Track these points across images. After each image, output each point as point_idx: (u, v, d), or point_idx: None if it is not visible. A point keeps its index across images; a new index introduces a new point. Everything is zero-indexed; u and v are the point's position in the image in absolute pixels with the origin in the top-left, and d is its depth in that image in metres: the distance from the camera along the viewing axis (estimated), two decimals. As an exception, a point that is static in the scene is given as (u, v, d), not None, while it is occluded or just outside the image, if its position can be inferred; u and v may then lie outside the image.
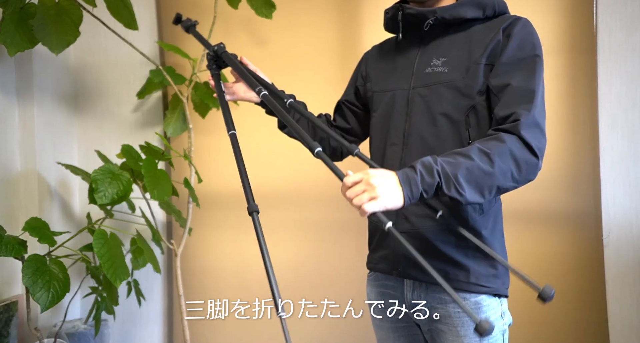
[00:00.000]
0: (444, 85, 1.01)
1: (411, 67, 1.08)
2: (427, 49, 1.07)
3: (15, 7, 1.37)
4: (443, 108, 1.00)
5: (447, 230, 0.99)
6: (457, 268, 1.00)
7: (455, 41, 1.04)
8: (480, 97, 0.99)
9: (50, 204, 1.76)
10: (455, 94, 0.99)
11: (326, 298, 1.85)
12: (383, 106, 1.12)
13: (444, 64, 1.03)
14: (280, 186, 1.89)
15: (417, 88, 1.04)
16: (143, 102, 1.92)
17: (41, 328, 1.67)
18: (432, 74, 1.03)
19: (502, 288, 1.02)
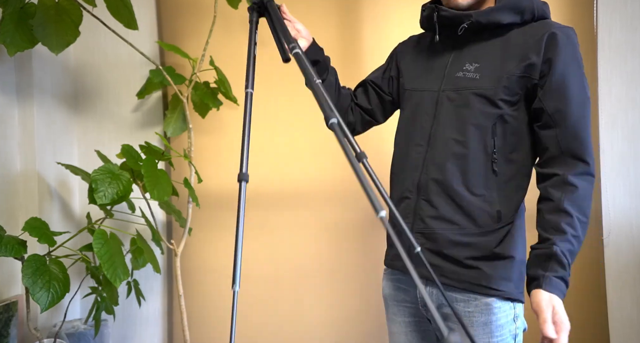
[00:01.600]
0: (473, 92, 1.00)
1: (443, 69, 1.07)
2: (460, 52, 1.05)
3: (15, 7, 1.37)
4: (470, 114, 0.99)
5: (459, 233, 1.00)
6: (469, 270, 1.00)
7: (490, 47, 1.02)
8: (510, 108, 0.99)
9: (50, 204, 1.76)
10: (484, 102, 0.99)
11: (331, 296, 1.86)
12: (412, 105, 1.11)
13: (476, 71, 1.01)
14: (281, 185, 1.89)
15: (447, 91, 1.04)
16: (143, 102, 1.92)
17: (41, 328, 1.67)
18: (463, 79, 1.02)
19: (515, 293, 1.01)
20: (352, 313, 1.86)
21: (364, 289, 1.85)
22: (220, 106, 1.84)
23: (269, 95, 1.88)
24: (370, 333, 1.85)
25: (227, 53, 1.87)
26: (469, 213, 1.00)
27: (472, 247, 1.00)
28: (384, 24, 1.82)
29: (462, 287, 1.00)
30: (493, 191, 1.00)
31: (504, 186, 1.00)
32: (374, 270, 1.83)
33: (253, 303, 1.90)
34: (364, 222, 1.82)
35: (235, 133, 1.91)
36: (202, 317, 1.93)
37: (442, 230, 1.01)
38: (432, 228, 1.02)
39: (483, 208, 1.00)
